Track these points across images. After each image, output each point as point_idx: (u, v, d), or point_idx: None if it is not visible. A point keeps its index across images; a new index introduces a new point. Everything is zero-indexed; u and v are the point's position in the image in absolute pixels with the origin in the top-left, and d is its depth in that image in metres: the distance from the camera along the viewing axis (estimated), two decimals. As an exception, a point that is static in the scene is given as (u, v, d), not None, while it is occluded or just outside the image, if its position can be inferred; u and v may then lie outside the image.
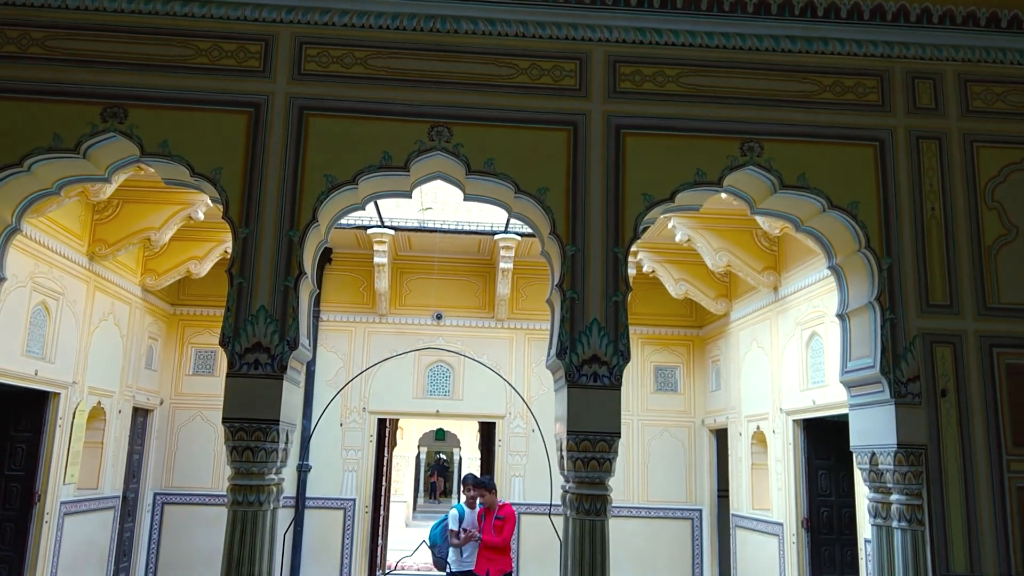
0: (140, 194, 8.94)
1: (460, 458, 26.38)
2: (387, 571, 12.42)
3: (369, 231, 10.44)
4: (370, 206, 10.25)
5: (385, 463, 12.87)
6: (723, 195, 8.03)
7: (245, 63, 4.74)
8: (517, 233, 10.48)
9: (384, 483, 12.82)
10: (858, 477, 7.63)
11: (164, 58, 4.71)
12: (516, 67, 4.84)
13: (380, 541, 12.62)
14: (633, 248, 5.30)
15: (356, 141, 4.66)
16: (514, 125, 4.76)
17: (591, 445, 4.35)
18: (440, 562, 8.68)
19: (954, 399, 4.60)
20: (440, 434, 26.17)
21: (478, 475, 10.61)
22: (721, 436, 11.26)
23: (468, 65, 4.84)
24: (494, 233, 10.58)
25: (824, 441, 8.97)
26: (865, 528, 7.50)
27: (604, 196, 4.67)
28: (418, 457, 26.74)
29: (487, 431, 12.53)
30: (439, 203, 10.79)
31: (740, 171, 4.77)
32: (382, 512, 12.62)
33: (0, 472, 8.11)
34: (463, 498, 8.80)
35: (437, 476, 30.30)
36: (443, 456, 30.22)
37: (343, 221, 10.45)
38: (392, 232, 10.51)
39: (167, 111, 4.62)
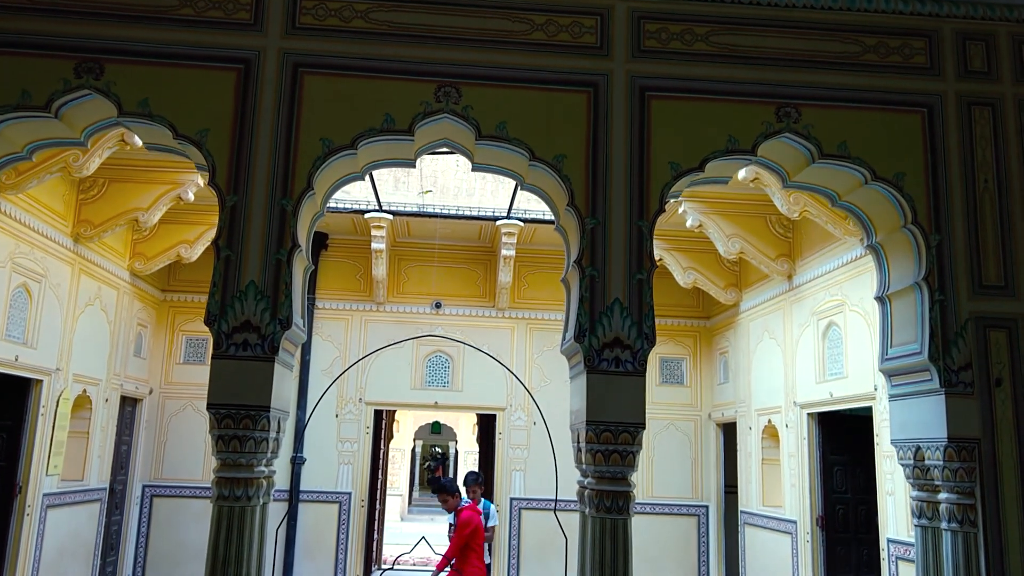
0: (127, 173, 8.58)
1: (456, 452, 26.03)
2: (384, 567, 12.06)
3: (367, 215, 10.05)
4: (368, 190, 9.87)
5: (382, 456, 12.50)
6: (741, 175, 7.80)
7: (234, 15, 4.32)
8: (520, 219, 10.12)
9: (380, 476, 12.45)
10: (880, 473, 7.29)
11: (145, 8, 4.28)
12: (531, 22, 4.43)
13: (376, 535, 12.25)
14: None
15: (356, 102, 4.25)
16: (529, 86, 4.35)
17: (613, 436, 3.96)
18: None
19: (1010, 389, 4.21)
20: (436, 427, 25.78)
21: (477, 471, 10.26)
22: (729, 430, 10.93)
23: (478, 20, 4.43)
24: (496, 219, 10.20)
25: (839, 436, 8.62)
26: (887, 528, 7.15)
27: (627, 164, 4.26)
28: (413, 450, 26.39)
29: (486, 424, 12.16)
30: (439, 187, 10.42)
31: (775, 139, 4.36)
32: (378, 506, 12.25)
33: (-22, 463, 7.71)
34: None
35: (442, 470, 29.87)
36: (439, 449, 29.83)
37: (340, 204, 10.19)
38: (390, 217, 10.11)
39: (148, 67, 4.21)
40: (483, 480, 9.37)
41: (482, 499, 8.89)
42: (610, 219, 4.20)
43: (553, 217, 4.62)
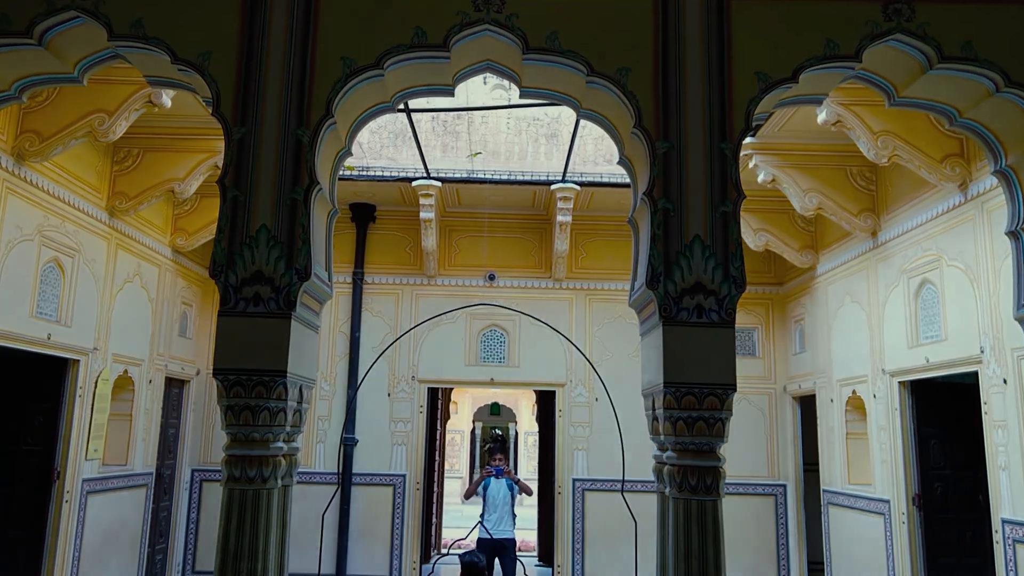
0: (162, 142, 8.23)
1: (516, 433, 25.55)
2: (443, 552, 11.59)
3: (414, 183, 9.51)
4: (415, 158, 9.31)
5: (439, 437, 12.01)
6: (821, 119, 7.02)
7: (239, -83, 3.71)
8: (576, 183, 9.46)
9: (438, 458, 11.97)
10: (990, 446, 6.47)
11: (135, -88, 3.71)
12: (586, -89, 3.72)
13: (435, 519, 11.78)
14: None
15: (381, 15, 3.61)
16: (585, -12, 3.67)
17: (697, 401, 3.27)
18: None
19: None
20: (495, 408, 25.34)
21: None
22: (806, 403, 10.17)
23: (523, -89, 3.73)
24: (550, 183, 9.56)
25: (934, 405, 7.80)
26: (1001, 507, 6.32)
27: (705, 77, 3.55)
28: (473, 432, 26.01)
29: (545, 403, 11.55)
30: (489, 150, 9.83)
31: (883, 42, 3.60)
32: (435, 489, 11.77)
33: (15, 447, 7.38)
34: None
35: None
36: (499, 431, 29.35)
37: (386, 173, 9.64)
38: (439, 184, 9.54)
39: (142, -18, 3.64)
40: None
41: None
42: (686, 142, 3.50)
43: (617, 153, 3.94)
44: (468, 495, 9.07)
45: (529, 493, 9.17)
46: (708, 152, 3.49)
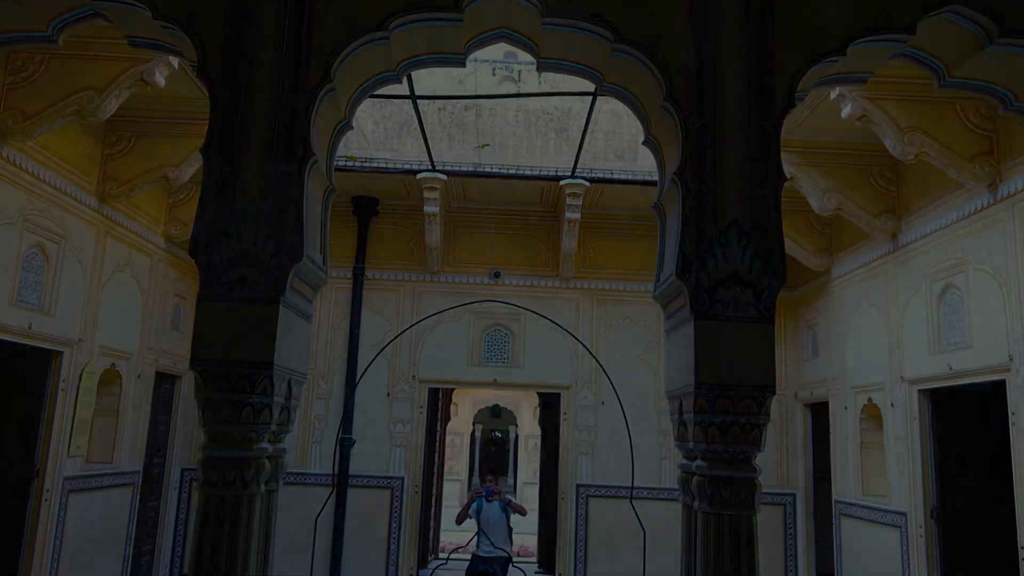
0: (157, 126, 7.90)
1: (516, 436, 25.20)
2: (441, 556, 11.24)
3: (419, 176, 9.17)
4: (420, 149, 8.98)
5: (438, 438, 11.66)
6: (845, 112, 6.69)
7: None
8: (585, 179, 9.13)
9: (437, 460, 11.61)
10: (1018, 457, 6.12)
11: None
12: None
13: (433, 523, 11.43)
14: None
15: (387, -28, 3.28)
16: (613, -54, 3.33)
17: (732, 404, 2.92)
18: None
19: None
20: (496, 411, 24.98)
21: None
22: (818, 411, 9.84)
23: None
24: (559, 178, 9.24)
25: (955, 415, 7.47)
26: (1029, 521, 5.99)
27: (744, 47, 3.21)
28: (473, 435, 25.65)
29: (548, 406, 11.21)
30: (497, 144, 9.51)
31: (940, 14, 3.27)
32: (434, 492, 11.42)
33: (-6, 442, 7.04)
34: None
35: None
36: (499, 434, 28.98)
37: (390, 164, 9.30)
38: (444, 177, 9.20)
39: (123, -68, 3.30)
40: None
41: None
42: (722, 117, 3.15)
43: (642, 129, 3.59)
44: (460, 519, 8.45)
45: (523, 514, 8.71)
46: (747, 129, 3.14)
